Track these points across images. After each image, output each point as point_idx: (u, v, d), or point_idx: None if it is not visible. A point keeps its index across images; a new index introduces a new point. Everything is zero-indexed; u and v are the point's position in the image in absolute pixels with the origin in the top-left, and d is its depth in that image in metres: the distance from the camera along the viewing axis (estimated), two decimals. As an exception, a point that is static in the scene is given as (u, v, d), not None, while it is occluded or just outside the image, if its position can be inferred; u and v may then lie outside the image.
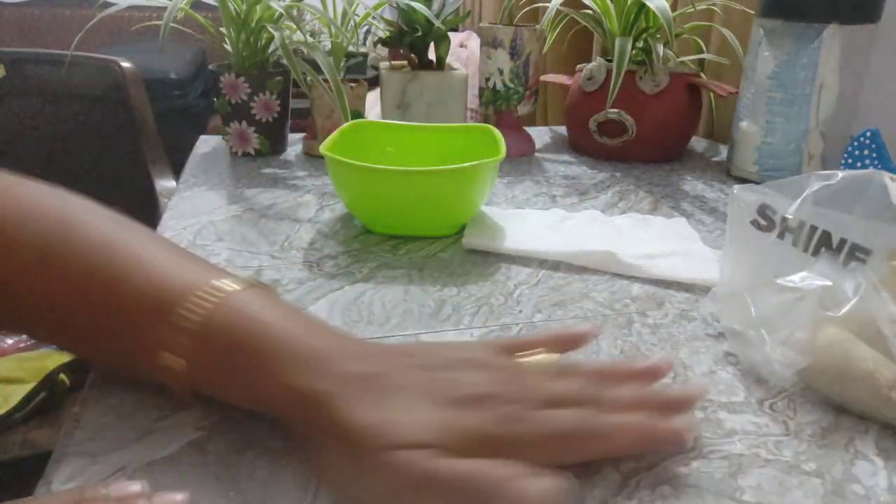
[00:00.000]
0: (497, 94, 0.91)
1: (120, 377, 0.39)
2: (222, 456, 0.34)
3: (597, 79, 0.91)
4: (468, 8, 2.35)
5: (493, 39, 0.88)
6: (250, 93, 0.83)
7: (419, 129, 0.71)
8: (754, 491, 0.33)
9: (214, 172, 0.81)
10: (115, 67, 1.22)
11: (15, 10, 2.86)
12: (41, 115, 1.23)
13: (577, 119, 0.94)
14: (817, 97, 0.76)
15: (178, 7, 0.74)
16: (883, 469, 0.34)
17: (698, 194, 0.79)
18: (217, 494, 0.31)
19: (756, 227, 0.46)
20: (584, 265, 0.57)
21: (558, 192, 0.77)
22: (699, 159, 0.96)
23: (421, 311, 0.49)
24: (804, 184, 0.45)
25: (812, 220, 0.43)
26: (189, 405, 0.36)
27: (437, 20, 0.83)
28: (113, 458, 0.33)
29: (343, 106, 0.76)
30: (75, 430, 0.35)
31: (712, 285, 0.48)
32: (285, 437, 0.35)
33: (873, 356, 0.37)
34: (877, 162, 0.63)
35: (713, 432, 0.37)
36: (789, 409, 0.39)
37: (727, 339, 0.46)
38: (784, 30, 0.76)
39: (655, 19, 0.86)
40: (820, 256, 0.43)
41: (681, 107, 0.89)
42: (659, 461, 0.34)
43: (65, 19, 2.86)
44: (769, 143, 0.79)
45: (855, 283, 0.39)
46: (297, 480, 0.32)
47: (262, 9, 0.80)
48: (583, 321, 0.48)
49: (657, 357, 0.32)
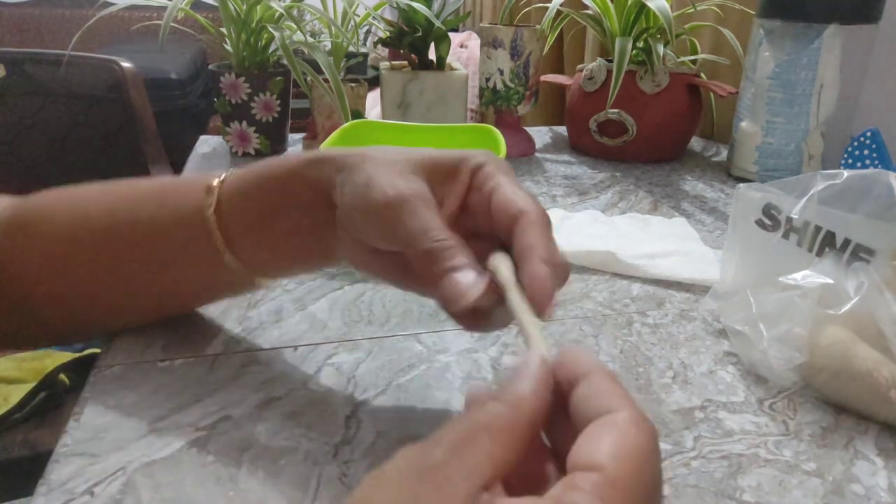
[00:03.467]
0: (497, 94, 0.91)
1: (120, 377, 0.39)
2: (222, 456, 0.34)
3: (597, 79, 0.91)
4: (468, 8, 2.36)
5: (493, 39, 0.88)
6: (250, 93, 0.83)
7: (419, 129, 0.71)
8: (754, 491, 0.33)
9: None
10: (115, 67, 1.22)
11: (15, 10, 2.86)
12: (41, 115, 1.23)
13: (577, 119, 0.94)
14: (817, 97, 0.76)
15: (178, 7, 0.74)
16: (883, 469, 0.34)
17: (698, 194, 0.79)
18: (217, 494, 0.31)
19: (760, 227, 0.46)
20: (584, 265, 0.57)
21: (558, 192, 0.77)
22: (699, 159, 0.96)
23: (421, 311, 0.49)
24: (809, 183, 0.45)
25: (817, 219, 0.43)
26: (189, 405, 0.36)
27: (437, 20, 0.83)
28: (113, 458, 0.33)
29: (343, 106, 0.76)
30: (75, 430, 0.35)
31: (712, 285, 0.48)
32: (285, 437, 0.35)
33: (873, 356, 0.37)
34: (877, 162, 0.63)
35: (713, 432, 0.37)
36: (789, 408, 0.39)
37: (727, 338, 0.46)
38: (784, 30, 0.76)
39: (655, 19, 0.86)
40: (824, 256, 0.43)
41: (681, 107, 0.89)
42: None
43: (65, 19, 2.86)
44: (769, 143, 0.79)
45: (856, 283, 0.39)
46: (296, 480, 0.32)
47: (263, 9, 0.80)
48: (583, 321, 0.48)
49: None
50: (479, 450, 0.20)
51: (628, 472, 0.19)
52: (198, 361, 0.41)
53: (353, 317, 0.48)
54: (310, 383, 0.40)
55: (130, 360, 0.41)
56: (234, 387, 0.39)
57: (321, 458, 0.34)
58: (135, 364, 0.41)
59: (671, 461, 0.34)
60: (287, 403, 0.38)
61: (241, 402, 0.38)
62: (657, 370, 0.42)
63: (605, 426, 0.21)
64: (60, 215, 0.39)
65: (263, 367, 0.41)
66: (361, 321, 0.47)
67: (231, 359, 0.42)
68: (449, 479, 0.19)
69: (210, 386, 0.39)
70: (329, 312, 0.48)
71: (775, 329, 0.40)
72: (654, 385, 0.41)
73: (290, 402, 0.38)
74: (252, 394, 0.38)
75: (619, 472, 0.19)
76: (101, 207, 0.39)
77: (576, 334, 0.46)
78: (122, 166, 1.27)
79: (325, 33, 0.88)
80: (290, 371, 0.41)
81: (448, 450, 0.20)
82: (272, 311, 0.48)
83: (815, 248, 0.43)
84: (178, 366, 0.41)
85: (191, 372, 0.40)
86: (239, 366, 0.41)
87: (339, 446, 0.34)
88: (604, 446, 0.20)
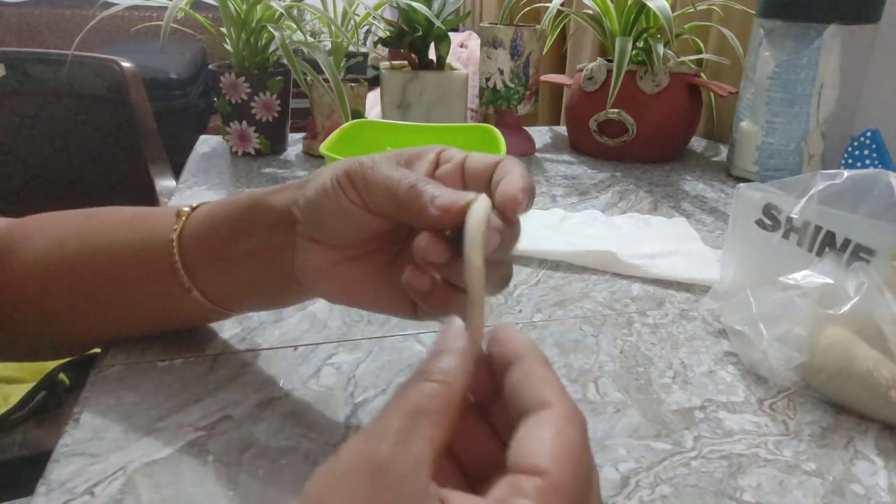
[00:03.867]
0: (497, 94, 0.91)
1: (120, 377, 0.39)
2: (222, 456, 0.34)
3: (597, 79, 0.91)
4: (468, 8, 2.36)
5: (493, 39, 0.88)
6: (250, 92, 0.83)
7: (419, 128, 0.71)
8: (754, 491, 0.33)
9: (214, 172, 0.81)
10: (115, 67, 1.22)
11: (15, 10, 2.86)
12: (41, 115, 1.23)
13: (577, 119, 0.94)
14: (817, 97, 0.76)
15: (178, 7, 0.74)
16: (883, 469, 0.34)
17: (698, 194, 0.79)
18: (217, 494, 0.31)
19: (761, 227, 0.46)
20: (584, 265, 0.57)
21: (558, 192, 0.77)
22: (699, 159, 0.96)
23: (421, 311, 0.49)
24: (809, 183, 0.45)
25: (817, 219, 0.43)
26: (189, 405, 0.36)
27: (437, 20, 0.83)
28: (113, 458, 0.33)
29: (343, 105, 0.76)
30: (75, 430, 0.35)
31: (712, 285, 0.48)
32: (285, 437, 0.35)
33: (873, 356, 0.37)
34: (877, 162, 0.63)
35: (713, 432, 0.37)
36: (789, 408, 0.39)
37: (727, 338, 0.46)
38: (784, 30, 0.76)
39: (655, 19, 0.86)
40: (824, 256, 0.43)
41: (681, 107, 0.89)
42: (659, 461, 0.34)
43: (65, 19, 2.86)
44: (769, 143, 0.79)
45: (856, 283, 0.39)
46: (296, 480, 0.32)
47: (263, 9, 0.80)
48: (583, 321, 0.48)
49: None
50: (422, 437, 0.20)
51: (569, 474, 0.20)
52: (198, 361, 0.41)
53: (353, 317, 0.48)
54: (310, 383, 0.40)
55: (130, 360, 0.41)
56: (234, 387, 0.39)
57: (321, 458, 0.34)
58: (135, 364, 0.41)
59: (671, 461, 0.34)
60: (287, 403, 0.38)
61: (241, 402, 0.38)
62: (657, 370, 0.42)
63: (543, 424, 0.21)
64: (39, 242, 0.40)
65: (263, 367, 0.41)
66: (361, 321, 0.47)
67: (231, 359, 0.42)
68: (402, 476, 0.19)
69: (210, 386, 0.39)
70: (329, 312, 0.48)
71: (775, 329, 0.40)
72: (654, 385, 0.41)
73: (290, 402, 0.38)
74: (252, 394, 0.38)
75: (561, 476, 0.20)
76: (75, 235, 0.40)
77: (576, 334, 0.46)
78: (122, 166, 1.27)
79: (325, 33, 0.88)
80: (290, 371, 0.41)
81: (393, 441, 0.20)
82: (272, 311, 0.48)
83: (815, 248, 0.43)
84: (178, 366, 0.41)
85: (191, 372, 0.40)
86: (239, 366, 0.41)
87: (339, 446, 0.34)
88: (544, 447, 0.20)
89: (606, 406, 0.39)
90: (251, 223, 0.35)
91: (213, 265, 0.37)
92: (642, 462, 0.34)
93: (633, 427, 0.37)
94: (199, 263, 0.37)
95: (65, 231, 0.41)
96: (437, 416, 0.21)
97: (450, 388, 0.22)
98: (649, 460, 0.34)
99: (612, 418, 0.38)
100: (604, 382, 0.41)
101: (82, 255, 0.39)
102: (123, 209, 0.42)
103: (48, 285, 0.40)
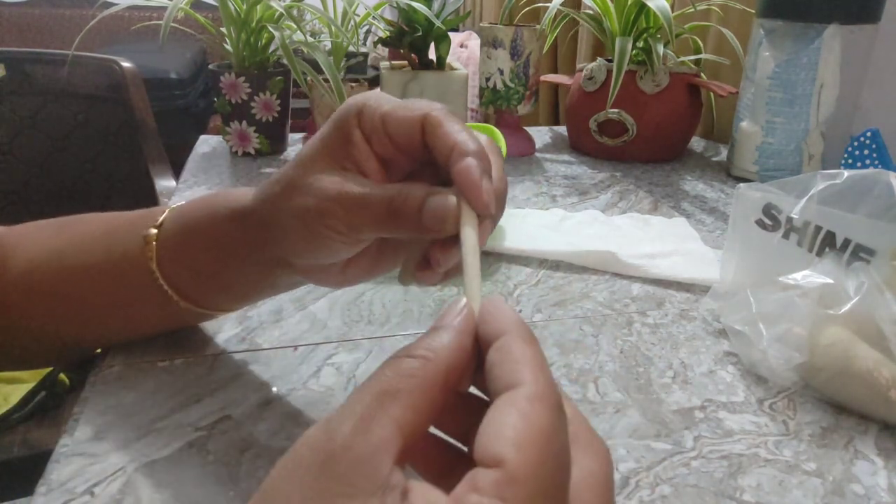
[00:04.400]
0: (497, 94, 0.91)
1: (120, 377, 0.39)
2: (222, 456, 0.34)
3: (597, 79, 0.91)
4: (468, 8, 2.36)
5: (493, 39, 0.88)
6: (250, 92, 0.83)
7: (419, 128, 0.71)
8: (754, 491, 0.33)
9: (214, 172, 0.81)
10: (115, 67, 1.22)
11: (15, 10, 2.86)
12: (41, 115, 1.23)
13: (577, 119, 0.94)
14: (817, 97, 0.76)
15: (178, 7, 0.74)
16: (883, 469, 0.34)
17: (698, 194, 0.79)
18: (217, 494, 0.31)
19: (761, 227, 0.46)
20: (584, 265, 0.57)
21: (558, 192, 0.77)
22: (699, 159, 0.96)
23: (421, 311, 0.49)
24: (809, 183, 0.45)
25: (817, 219, 0.43)
26: (189, 405, 0.36)
27: (437, 20, 0.83)
28: (113, 458, 0.33)
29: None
30: (75, 430, 0.35)
31: (712, 285, 0.48)
32: (285, 437, 0.35)
33: (873, 356, 0.37)
34: (877, 162, 0.63)
35: (713, 432, 0.37)
36: (789, 408, 0.39)
37: (727, 338, 0.46)
38: (784, 30, 0.76)
39: (655, 19, 0.86)
40: (824, 256, 0.43)
41: (681, 107, 0.89)
42: (659, 461, 0.34)
43: (65, 19, 2.86)
44: (769, 143, 0.79)
45: (856, 283, 0.39)
46: (297, 480, 0.32)
47: (263, 9, 0.80)
48: (583, 321, 0.48)
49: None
50: (387, 420, 0.18)
51: (530, 462, 0.17)
52: (198, 361, 0.41)
53: (353, 317, 0.48)
54: (310, 383, 0.40)
55: (130, 360, 0.41)
56: (234, 387, 0.39)
57: (321, 458, 0.34)
58: (135, 364, 0.41)
59: (671, 461, 0.34)
60: (287, 403, 0.38)
61: (241, 402, 0.38)
62: (657, 370, 0.42)
63: (506, 408, 0.18)
64: (22, 255, 0.40)
65: (263, 367, 0.41)
66: (361, 321, 0.47)
67: (231, 359, 0.42)
68: (355, 465, 0.17)
69: (210, 386, 0.39)
70: (329, 312, 0.48)
71: (775, 329, 0.40)
72: (654, 385, 0.41)
73: (290, 402, 0.38)
74: (252, 394, 0.38)
75: (521, 466, 0.17)
76: (51, 253, 0.40)
77: (576, 334, 0.46)
78: (122, 166, 1.27)
79: (325, 33, 0.88)
80: (290, 371, 0.41)
81: (352, 427, 0.18)
82: (272, 311, 0.48)
83: (815, 248, 0.43)
84: (178, 366, 0.41)
85: (191, 372, 0.40)
86: (239, 366, 0.41)
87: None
88: (506, 433, 0.18)
89: (606, 406, 0.39)
90: (231, 240, 0.35)
91: (196, 279, 0.37)
92: (642, 462, 0.34)
93: (633, 427, 0.37)
94: (181, 278, 0.37)
95: (40, 250, 0.40)
96: (409, 397, 0.19)
97: (431, 364, 0.20)
98: (649, 460, 0.34)
99: (612, 418, 0.38)
100: (604, 382, 0.41)
101: (60, 275, 0.39)
102: (93, 223, 0.41)
103: (33, 298, 0.39)
